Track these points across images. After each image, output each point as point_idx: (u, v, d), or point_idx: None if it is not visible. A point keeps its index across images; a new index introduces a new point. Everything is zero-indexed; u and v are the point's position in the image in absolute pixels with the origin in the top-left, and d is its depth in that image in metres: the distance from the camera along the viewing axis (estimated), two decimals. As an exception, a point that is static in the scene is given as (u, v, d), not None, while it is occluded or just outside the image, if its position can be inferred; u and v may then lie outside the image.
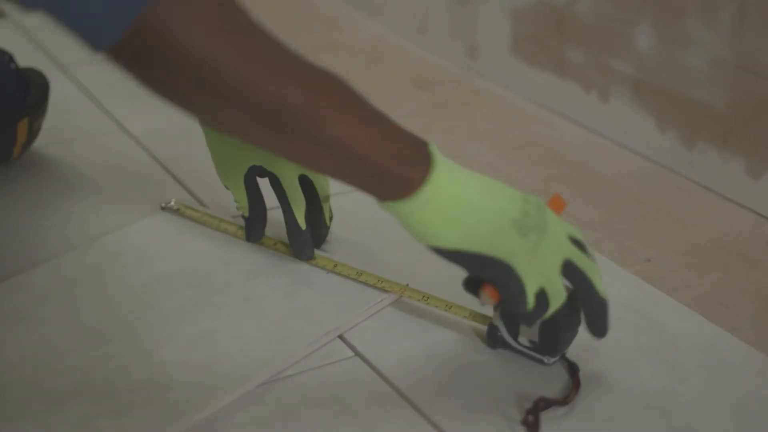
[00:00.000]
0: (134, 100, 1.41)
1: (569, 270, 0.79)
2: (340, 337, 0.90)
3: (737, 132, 1.16)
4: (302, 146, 0.74)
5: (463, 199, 0.76)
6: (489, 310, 0.88)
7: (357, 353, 0.88)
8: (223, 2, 0.69)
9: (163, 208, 1.08)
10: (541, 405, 0.80)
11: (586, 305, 0.81)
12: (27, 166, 1.19)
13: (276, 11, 1.83)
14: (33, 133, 1.19)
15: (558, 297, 0.80)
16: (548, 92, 1.41)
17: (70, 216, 1.09)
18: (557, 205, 0.84)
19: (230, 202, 1.04)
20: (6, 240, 1.04)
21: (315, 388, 0.83)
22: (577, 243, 0.81)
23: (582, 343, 0.89)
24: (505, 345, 0.87)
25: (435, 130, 1.35)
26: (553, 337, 0.84)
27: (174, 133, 1.31)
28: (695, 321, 0.94)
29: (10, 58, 1.22)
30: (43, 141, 1.23)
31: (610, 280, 0.99)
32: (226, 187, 1.01)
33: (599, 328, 0.82)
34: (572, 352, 0.87)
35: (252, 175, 0.99)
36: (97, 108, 1.39)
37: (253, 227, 1.02)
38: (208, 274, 0.98)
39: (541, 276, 0.78)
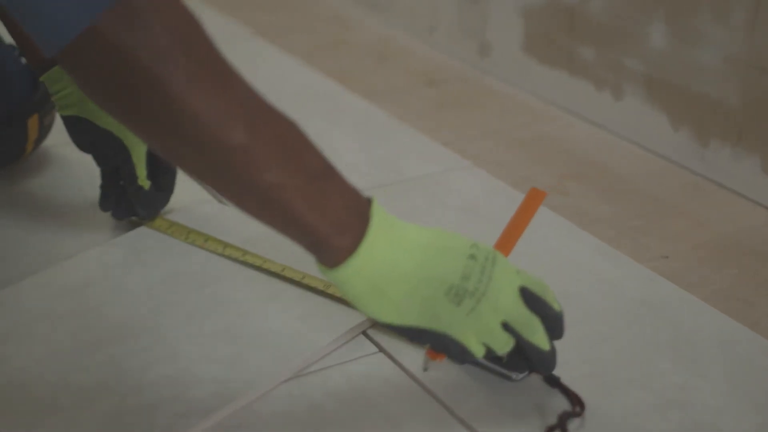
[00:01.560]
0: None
1: (509, 329, 0.76)
2: (364, 333, 0.90)
3: (751, 129, 1.17)
4: (238, 187, 0.70)
5: (395, 270, 0.73)
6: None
7: (381, 349, 0.88)
8: (187, 29, 0.68)
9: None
10: (564, 416, 0.79)
11: (528, 358, 0.78)
12: (40, 164, 1.19)
13: (279, 11, 1.84)
14: (44, 128, 1.19)
15: (504, 347, 0.77)
16: (560, 90, 1.42)
17: (87, 214, 1.10)
18: (535, 198, 0.83)
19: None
20: (24, 238, 1.05)
21: (340, 384, 0.84)
22: (528, 294, 0.77)
23: (599, 336, 0.90)
24: (473, 361, 0.81)
25: (446, 129, 1.36)
26: (520, 354, 0.79)
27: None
28: (713, 316, 0.95)
29: (20, 53, 1.22)
30: (54, 139, 1.24)
31: (628, 276, 1.00)
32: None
33: (544, 371, 0.81)
34: (588, 346, 0.88)
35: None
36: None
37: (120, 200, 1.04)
38: (229, 271, 0.99)
39: (481, 335, 0.75)
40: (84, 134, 1.02)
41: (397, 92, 1.49)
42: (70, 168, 1.20)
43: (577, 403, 0.81)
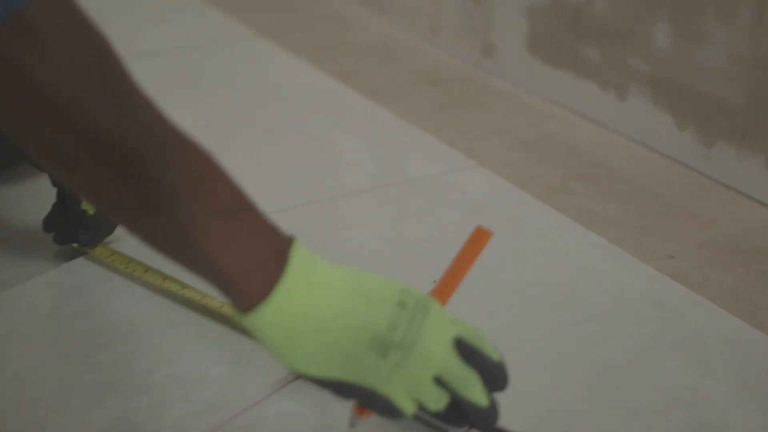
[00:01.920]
0: (155, 97, 1.43)
1: (441, 383, 0.69)
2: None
3: (756, 129, 1.17)
4: (148, 220, 0.66)
5: (313, 319, 0.66)
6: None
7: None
8: (93, 50, 0.64)
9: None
10: None
11: (466, 413, 0.71)
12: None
13: (281, 11, 1.84)
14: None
15: (437, 403, 0.69)
16: (564, 90, 1.42)
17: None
18: (481, 238, 0.76)
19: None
20: (31, 238, 1.05)
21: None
22: (463, 346, 0.70)
23: (605, 335, 0.90)
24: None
25: (451, 128, 1.36)
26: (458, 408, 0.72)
27: (195, 129, 1.31)
28: (720, 316, 0.95)
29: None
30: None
31: (633, 275, 1.00)
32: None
33: (484, 428, 0.72)
34: (594, 345, 0.88)
35: None
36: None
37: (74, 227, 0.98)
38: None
39: (411, 390, 0.68)
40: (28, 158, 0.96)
41: (400, 92, 1.49)
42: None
43: None
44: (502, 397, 0.78)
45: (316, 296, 0.67)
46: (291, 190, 1.17)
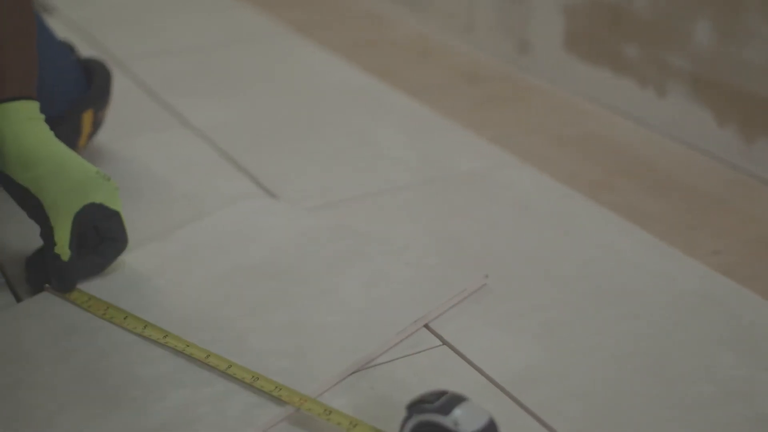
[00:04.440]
0: (193, 93, 1.44)
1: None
2: (426, 326, 0.91)
3: (799, 126, 1.17)
4: None
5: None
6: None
7: (444, 342, 0.89)
8: None
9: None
10: None
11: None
12: (92, 159, 1.20)
13: (314, 9, 1.85)
14: (97, 124, 1.20)
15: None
16: (602, 88, 1.42)
17: (142, 209, 1.11)
18: None
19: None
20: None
21: (407, 376, 0.85)
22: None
23: (658, 329, 0.91)
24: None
25: (491, 125, 1.37)
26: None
27: (236, 125, 1.33)
28: (770, 311, 0.96)
29: (72, 49, 1.23)
30: (105, 136, 1.25)
31: (683, 270, 1.01)
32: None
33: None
34: (648, 339, 0.89)
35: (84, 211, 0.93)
36: (156, 102, 1.41)
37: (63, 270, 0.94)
38: (286, 266, 1.00)
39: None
40: (7, 189, 0.95)
41: (437, 89, 1.50)
42: (117, 163, 1.21)
43: None
44: (559, 392, 0.79)
45: None
46: (336, 185, 1.18)
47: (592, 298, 0.96)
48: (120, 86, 1.38)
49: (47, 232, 0.93)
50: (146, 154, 1.25)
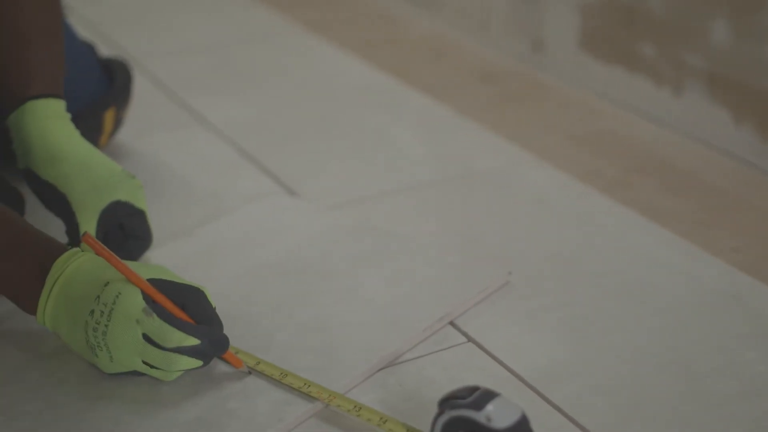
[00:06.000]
0: (210, 91, 1.45)
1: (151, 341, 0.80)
2: (451, 323, 0.92)
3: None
4: None
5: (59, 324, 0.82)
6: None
7: (470, 339, 0.90)
8: None
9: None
10: None
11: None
12: (112, 158, 1.20)
13: (328, 8, 1.86)
14: (118, 122, 1.21)
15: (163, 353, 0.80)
16: (618, 87, 1.43)
17: (163, 207, 1.11)
18: (94, 245, 0.82)
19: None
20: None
21: (434, 373, 0.85)
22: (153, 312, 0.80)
23: (682, 325, 0.91)
24: None
25: (507, 123, 1.37)
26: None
27: (255, 123, 1.34)
28: (792, 308, 0.96)
29: (94, 49, 1.23)
30: (124, 134, 1.26)
31: (704, 268, 1.01)
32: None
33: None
34: (671, 335, 0.89)
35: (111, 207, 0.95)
36: (174, 100, 1.42)
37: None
38: (309, 263, 1.00)
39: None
40: (32, 186, 0.96)
41: (453, 88, 1.50)
42: (136, 162, 1.22)
43: None
44: (584, 387, 0.79)
45: (54, 317, 0.82)
46: (355, 183, 1.18)
47: (614, 294, 0.97)
48: (137, 85, 1.38)
49: (73, 229, 0.93)
50: (165, 152, 1.26)
